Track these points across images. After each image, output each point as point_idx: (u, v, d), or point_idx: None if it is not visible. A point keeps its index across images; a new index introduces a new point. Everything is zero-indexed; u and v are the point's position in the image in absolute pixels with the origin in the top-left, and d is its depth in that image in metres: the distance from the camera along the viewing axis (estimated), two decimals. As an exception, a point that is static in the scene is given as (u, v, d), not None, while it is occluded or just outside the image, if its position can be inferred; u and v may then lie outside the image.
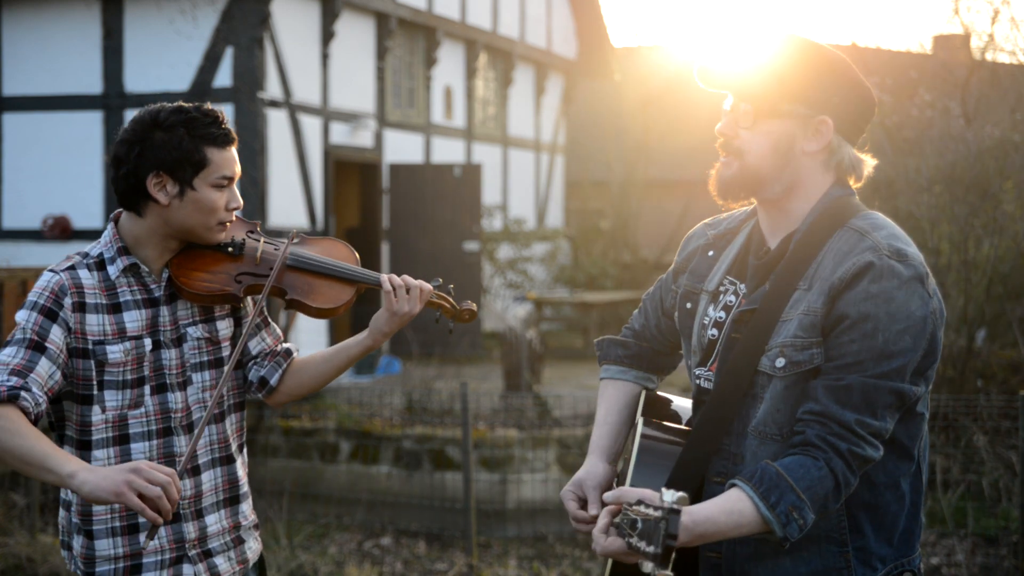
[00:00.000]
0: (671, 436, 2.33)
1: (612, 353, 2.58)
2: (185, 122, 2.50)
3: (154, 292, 2.58)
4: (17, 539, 7.22)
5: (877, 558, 2.20)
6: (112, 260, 2.56)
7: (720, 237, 2.41)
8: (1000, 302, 9.43)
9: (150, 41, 11.14)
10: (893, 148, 10.48)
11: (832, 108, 2.20)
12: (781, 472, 2.06)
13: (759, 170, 2.22)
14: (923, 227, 9.42)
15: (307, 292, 2.67)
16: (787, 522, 2.04)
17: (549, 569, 7.78)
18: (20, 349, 2.43)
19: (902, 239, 2.17)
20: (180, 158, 2.49)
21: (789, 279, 2.19)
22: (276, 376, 2.75)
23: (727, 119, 2.26)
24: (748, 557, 2.21)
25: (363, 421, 9.56)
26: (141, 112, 2.55)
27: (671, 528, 1.84)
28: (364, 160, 12.95)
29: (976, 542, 7.63)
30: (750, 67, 2.22)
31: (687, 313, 2.38)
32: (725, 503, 2.06)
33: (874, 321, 2.08)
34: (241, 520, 2.71)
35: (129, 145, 2.51)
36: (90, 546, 2.55)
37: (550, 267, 16.42)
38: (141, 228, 2.56)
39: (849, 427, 2.07)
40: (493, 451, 9.00)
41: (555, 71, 17.40)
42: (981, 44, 13.29)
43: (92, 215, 11.39)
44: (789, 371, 2.14)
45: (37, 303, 2.48)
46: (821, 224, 2.20)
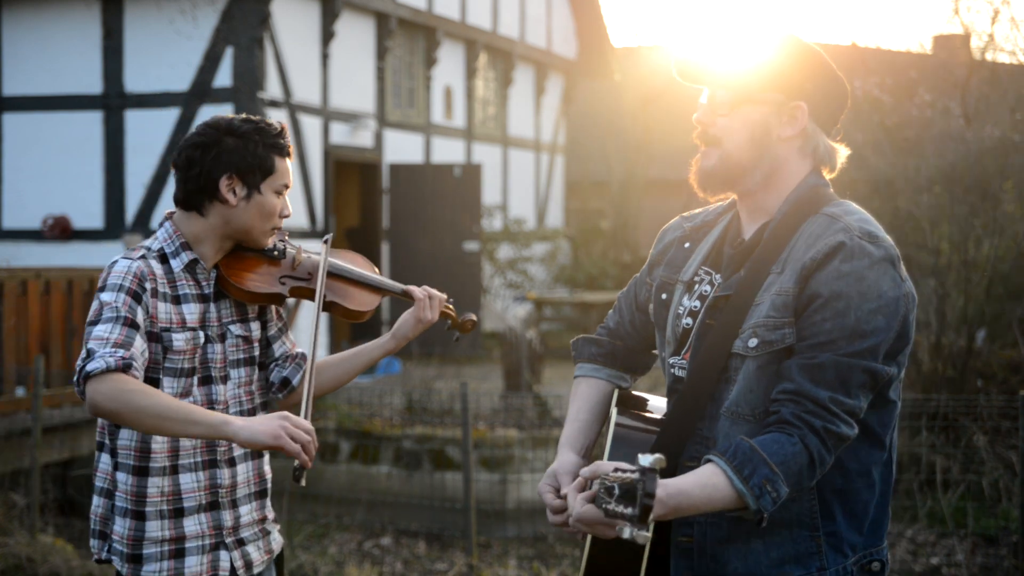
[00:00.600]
0: (645, 424, 2.34)
1: (586, 351, 2.59)
2: (257, 131, 2.69)
3: (205, 289, 2.73)
4: (17, 539, 7.22)
5: (848, 544, 2.21)
6: (175, 255, 2.70)
7: (697, 229, 2.44)
8: (1000, 302, 9.43)
9: (150, 41, 11.14)
10: (893, 148, 10.48)
11: (807, 94, 2.24)
12: (755, 447, 2.07)
13: (738, 158, 2.25)
14: (923, 227, 9.42)
15: (344, 296, 2.88)
16: (760, 494, 2.05)
17: (549, 569, 7.78)
18: (116, 325, 2.54)
19: (873, 224, 2.20)
20: (253, 163, 2.67)
21: (763, 264, 2.22)
22: (298, 377, 2.89)
23: (704, 108, 2.29)
24: (720, 541, 2.22)
25: (363, 421, 9.56)
26: (212, 119, 2.72)
27: (648, 487, 1.84)
28: (364, 160, 12.95)
29: (976, 542, 7.63)
30: (726, 57, 2.26)
31: (662, 304, 2.40)
32: (699, 477, 2.07)
33: (846, 299, 2.10)
34: (267, 513, 2.86)
35: (204, 148, 2.67)
36: (140, 527, 2.66)
37: (550, 267, 16.42)
38: (201, 227, 2.71)
39: (823, 404, 2.08)
40: (493, 451, 9.00)
41: (555, 71, 17.41)
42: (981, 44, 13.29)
43: (92, 215, 11.39)
44: (761, 351, 2.16)
45: (123, 285, 2.60)
46: (795, 212, 2.24)
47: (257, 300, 2.78)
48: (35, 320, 8.38)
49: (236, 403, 2.77)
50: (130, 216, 11.28)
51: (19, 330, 8.28)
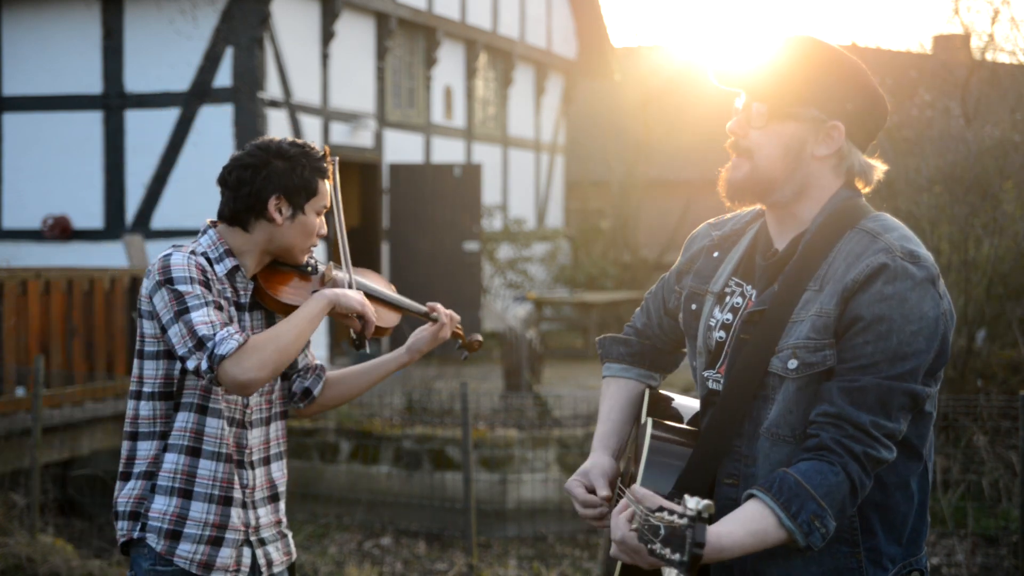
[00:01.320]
0: (680, 437, 2.32)
1: (614, 351, 2.57)
2: (304, 154, 2.83)
3: (242, 298, 2.85)
4: (17, 539, 7.21)
5: (888, 558, 2.19)
6: (219, 260, 2.82)
7: (725, 239, 2.40)
8: (1000, 302, 9.43)
9: (150, 41, 11.14)
10: (893, 148, 10.48)
11: (845, 114, 2.19)
12: (800, 480, 2.04)
13: (769, 173, 2.21)
14: (923, 227, 9.41)
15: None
16: (810, 531, 2.03)
17: (549, 569, 7.79)
18: (210, 309, 2.68)
19: (913, 241, 2.16)
20: (300, 185, 2.81)
21: (799, 280, 2.18)
22: (319, 387, 3.02)
23: (739, 118, 2.25)
24: (760, 557, 2.19)
25: (363, 421, 9.56)
26: (261, 141, 2.86)
27: (698, 537, 1.81)
28: (364, 160, 12.95)
29: (976, 542, 7.63)
30: (767, 68, 2.21)
31: (692, 314, 2.37)
32: (749, 523, 2.04)
33: (888, 323, 2.07)
34: (281, 517, 2.97)
35: (254, 169, 2.80)
36: (186, 506, 2.77)
37: (550, 267, 16.42)
38: (245, 241, 2.83)
39: (864, 429, 2.06)
40: (493, 451, 9.00)
41: (555, 71, 17.40)
42: (981, 44, 13.30)
43: (92, 215, 11.39)
44: (802, 372, 2.13)
45: (192, 277, 2.71)
46: (831, 225, 2.20)
47: (288, 311, 2.88)
48: (35, 320, 8.38)
49: (258, 410, 2.88)
50: (130, 216, 11.29)
51: (19, 330, 8.28)
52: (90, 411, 8.56)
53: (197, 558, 2.76)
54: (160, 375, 2.76)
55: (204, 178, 9.69)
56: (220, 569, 2.78)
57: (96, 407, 8.60)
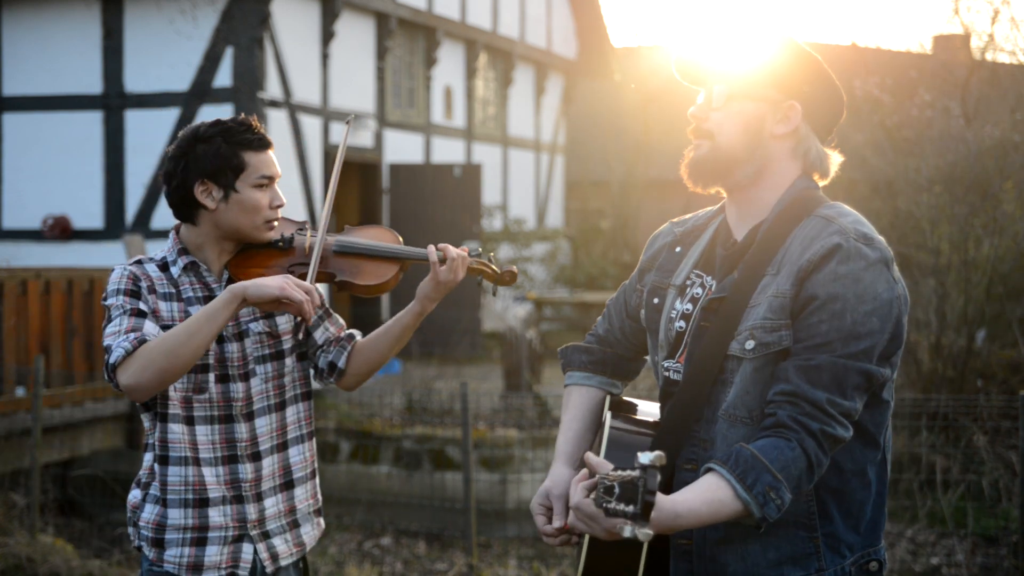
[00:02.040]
0: (639, 428, 2.34)
1: (576, 360, 2.60)
2: (222, 132, 2.73)
3: (215, 291, 2.79)
4: (17, 539, 7.21)
5: (845, 545, 2.22)
6: (174, 262, 2.80)
7: (687, 234, 2.44)
8: (1000, 302, 9.43)
9: (150, 41, 11.14)
10: (893, 148, 10.48)
11: (802, 95, 2.26)
12: (756, 453, 2.07)
13: (730, 150, 2.26)
14: (923, 227, 9.42)
15: (354, 273, 2.85)
16: (765, 502, 2.05)
17: (549, 569, 7.79)
18: (124, 317, 2.65)
19: (867, 225, 2.21)
20: (221, 165, 2.72)
21: (757, 266, 2.22)
22: (343, 359, 2.91)
23: (699, 104, 2.31)
24: (718, 542, 2.23)
25: (363, 421, 9.56)
26: (184, 131, 2.79)
27: (650, 484, 1.84)
28: (364, 160, 12.95)
29: (976, 542, 7.63)
30: (728, 53, 2.28)
31: (654, 308, 2.40)
32: (705, 492, 2.07)
33: (842, 301, 2.12)
34: (297, 504, 2.88)
35: (176, 160, 2.75)
36: (164, 514, 2.77)
37: (550, 267, 16.42)
38: (197, 235, 2.79)
39: (820, 406, 2.09)
40: (493, 451, 9.00)
41: (555, 71, 17.40)
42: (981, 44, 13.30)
43: (92, 215, 11.39)
44: (758, 352, 2.17)
45: (120, 288, 2.71)
46: (788, 213, 2.25)
47: None
48: (35, 320, 8.38)
49: (263, 398, 2.81)
50: (130, 216, 11.29)
51: (19, 330, 8.28)
52: (90, 411, 8.56)
53: (184, 561, 2.76)
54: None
55: (204, 178, 9.67)
56: (211, 568, 2.76)
57: (96, 407, 8.61)
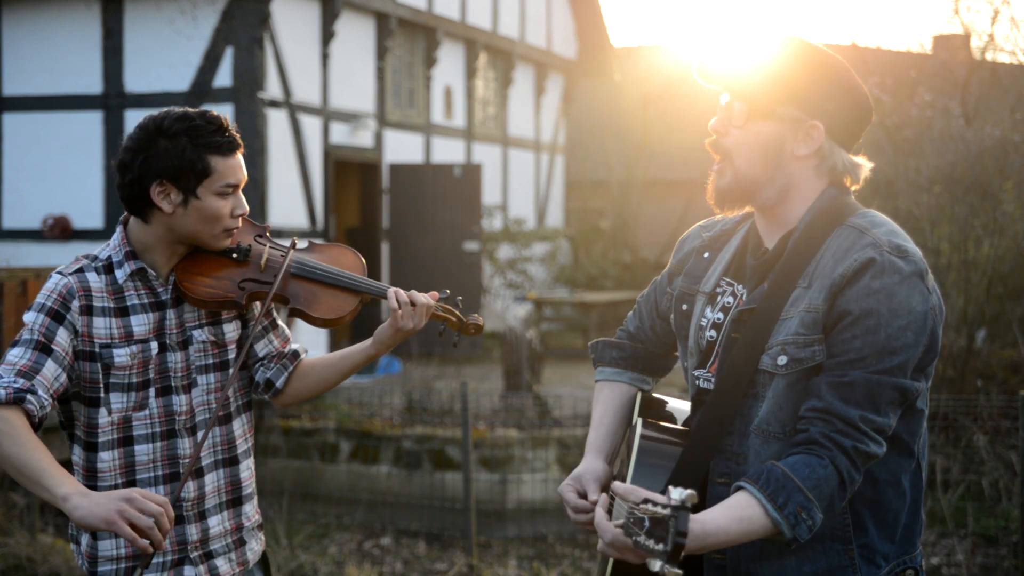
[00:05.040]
0: (671, 437, 2.32)
1: (607, 355, 2.57)
2: (188, 130, 2.47)
3: (161, 295, 2.58)
4: (17, 539, 7.22)
5: (881, 555, 2.19)
6: (120, 264, 2.56)
7: (715, 239, 2.41)
8: (1000, 302, 9.43)
9: (150, 41, 11.14)
10: (893, 148, 10.48)
11: (825, 113, 2.19)
12: (787, 472, 2.05)
13: (750, 174, 2.22)
14: (923, 227, 9.42)
15: (310, 302, 2.64)
16: (796, 523, 2.03)
17: (549, 569, 7.78)
18: (27, 350, 2.44)
19: (901, 235, 2.16)
20: (183, 167, 2.46)
21: (788, 277, 2.18)
22: (282, 379, 2.73)
23: (720, 117, 2.26)
24: (753, 557, 2.20)
25: (363, 421, 9.56)
26: (146, 118, 2.53)
27: (680, 526, 1.82)
28: (364, 160, 12.95)
29: (976, 542, 7.63)
30: (748, 66, 2.22)
31: (683, 315, 2.37)
32: (735, 510, 2.04)
33: (876, 317, 2.08)
34: (244, 521, 2.70)
35: (134, 153, 2.49)
36: (94, 546, 2.56)
37: (550, 267, 16.42)
38: (147, 234, 2.56)
39: (853, 423, 2.06)
40: (493, 451, 9.00)
41: (555, 71, 17.40)
42: (981, 44, 13.29)
43: (92, 215, 11.39)
44: (791, 368, 2.14)
45: (44, 305, 2.50)
46: (819, 222, 2.20)
47: (211, 307, 2.59)
48: (35, 320, 8.37)
49: (204, 410, 2.61)
50: (130, 216, 11.28)
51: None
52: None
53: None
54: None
55: (204, 178, 9.68)
56: None
57: (96, 407, 8.60)
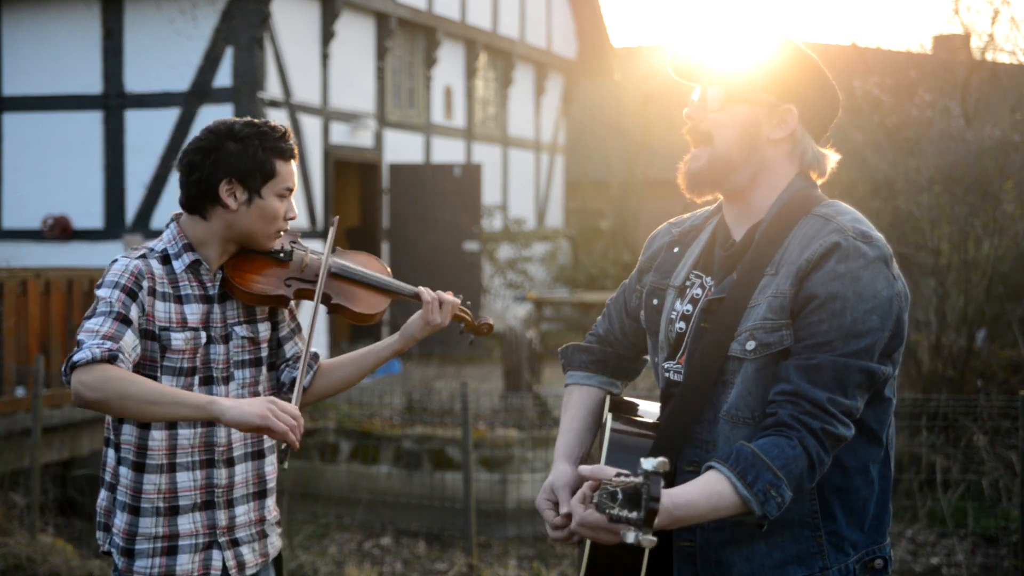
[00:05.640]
0: (640, 429, 2.34)
1: (576, 359, 2.60)
2: (258, 135, 2.69)
3: (209, 290, 2.74)
4: (17, 539, 7.21)
5: (849, 543, 2.22)
6: (177, 256, 2.72)
7: (685, 234, 2.45)
8: (1000, 302, 9.43)
9: (150, 41, 11.14)
10: (893, 148, 10.48)
11: (798, 98, 2.26)
12: (756, 452, 2.08)
13: (727, 155, 2.26)
14: (923, 227, 9.42)
15: (350, 298, 2.87)
16: (765, 499, 2.06)
17: (549, 569, 7.78)
18: (107, 319, 2.56)
19: (865, 223, 2.21)
20: (253, 168, 2.68)
21: (756, 266, 2.22)
22: (308, 378, 2.90)
23: (695, 104, 2.30)
24: (723, 544, 2.23)
25: (363, 421, 9.56)
26: (214, 123, 2.73)
27: (653, 491, 1.83)
28: (364, 160, 12.95)
29: (976, 542, 7.63)
30: (723, 54, 2.27)
31: (653, 309, 2.40)
32: (704, 486, 2.07)
33: (842, 300, 2.12)
34: (266, 514, 2.85)
35: (204, 153, 2.68)
36: (134, 523, 2.70)
37: (550, 267, 16.42)
38: (204, 230, 2.73)
39: (821, 405, 2.09)
40: (493, 451, 9.00)
41: (555, 71, 17.40)
42: (981, 44, 13.28)
43: (92, 215, 11.38)
44: (759, 353, 2.17)
45: (119, 283, 2.62)
46: (786, 212, 2.25)
47: (261, 302, 2.79)
48: (35, 320, 8.38)
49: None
50: (130, 216, 11.28)
51: (19, 330, 8.28)
52: (90, 411, 8.54)
53: (155, 571, 2.70)
54: None
55: (204, 178, 9.68)
56: None
57: (96, 407, 8.59)
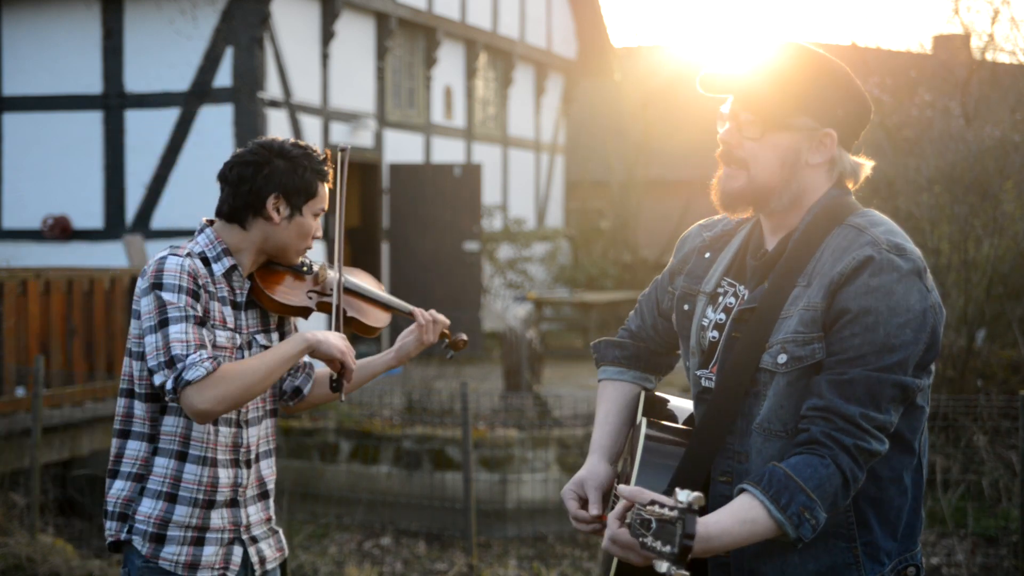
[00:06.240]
0: (674, 436, 2.33)
1: (609, 354, 2.59)
2: (306, 156, 2.85)
3: (238, 297, 2.87)
4: (17, 539, 7.21)
5: (884, 552, 2.20)
6: (217, 259, 2.84)
7: (716, 239, 2.42)
8: (1000, 302, 9.43)
9: (150, 41, 11.14)
10: (893, 148, 10.48)
11: (837, 120, 2.22)
12: (789, 473, 2.05)
13: (767, 184, 2.22)
14: (923, 227, 9.42)
15: (361, 312, 3.07)
16: (799, 523, 2.04)
17: (549, 569, 7.78)
18: (189, 325, 2.69)
19: (900, 235, 2.18)
20: (300, 186, 2.83)
21: (788, 277, 2.20)
22: (308, 386, 3.08)
23: (730, 127, 2.25)
24: (756, 555, 2.21)
25: (363, 421, 9.56)
26: (262, 140, 2.88)
27: (688, 528, 1.83)
28: (364, 160, 12.95)
29: (976, 542, 7.63)
30: (756, 76, 2.21)
31: (685, 315, 2.38)
32: (738, 513, 2.05)
33: (875, 314, 2.09)
34: (271, 514, 3.00)
35: (256, 167, 2.82)
36: (170, 509, 2.79)
37: (550, 267, 16.42)
38: (241, 239, 2.85)
39: (854, 421, 2.07)
40: (493, 451, 9.00)
41: (555, 71, 17.40)
42: (981, 44, 13.29)
43: (92, 215, 11.38)
44: (791, 367, 2.14)
45: (181, 286, 2.72)
46: (819, 222, 2.22)
47: (287, 312, 2.93)
48: (35, 320, 8.38)
49: (256, 408, 2.92)
50: (130, 216, 11.28)
51: (19, 330, 8.27)
52: (90, 411, 8.55)
53: (182, 559, 2.79)
54: (147, 376, 2.75)
55: (204, 178, 9.69)
56: (206, 568, 2.81)
57: (96, 407, 8.60)
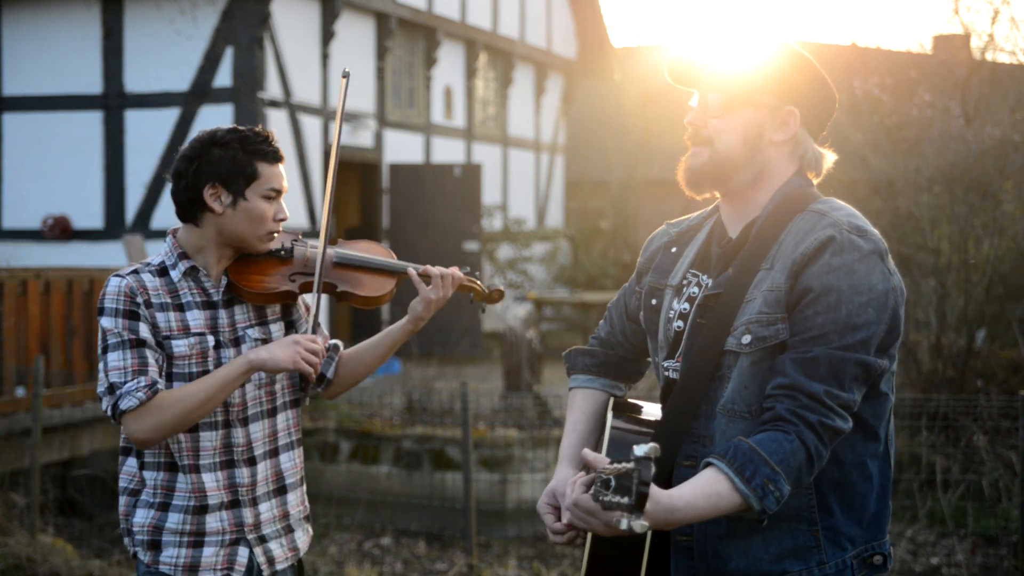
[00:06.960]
0: (640, 427, 2.36)
1: (579, 363, 2.63)
2: (239, 139, 2.78)
3: (212, 296, 2.82)
4: (17, 539, 7.21)
5: (846, 538, 2.23)
6: (173, 265, 2.81)
7: (683, 234, 2.47)
8: (1000, 302, 9.43)
9: (150, 41, 11.14)
10: (893, 148, 10.48)
11: (800, 100, 2.27)
12: (754, 447, 2.08)
13: (729, 158, 2.27)
14: (923, 227, 9.42)
15: (354, 284, 2.95)
16: (764, 495, 2.06)
17: (549, 569, 7.78)
18: (125, 351, 2.69)
19: (860, 218, 2.23)
20: (234, 171, 2.76)
21: (752, 262, 2.23)
22: (331, 369, 3.01)
23: (695, 111, 2.31)
24: (720, 537, 2.23)
25: (363, 421, 9.56)
26: (200, 133, 2.83)
27: (643, 475, 1.85)
28: (364, 160, 12.95)
29: (976, 542, 7.63)
30: (722, 60, 2.28)
31: (652, 309, 2.42)
32: (703, 486, 2.08)
33: (837, 293, 2.12)
34: (289, 509, 2.92)
35: (189, 160, 2.78)
36: (162, 518, 2.79)
37: (550, 267, 16.42)
38: (198, 237, 2.81)
39: (818, 398, 2.10)
40: (493, 451, 9.00)
41: (555, 71, 17.40)
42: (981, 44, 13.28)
43: (92, 215, 11.39)
44: (755, 347, 2.18)
45: (117, 309, 2.71)
46: (782, 209, 2.26)
47: (269, 300, 2.86)
48: (35, 320, 8.38)
49: (256, 403, 2.85)
50: (130, 216, 11.29)
51: (19, 330, 8.28)
52: (90, 411, 8.56)
53: (180, 562, 2.79)
54: None
55: (204, 178, 9.68)
56: (207, 569, 2.79)
57: (96, 407, 8.60)
